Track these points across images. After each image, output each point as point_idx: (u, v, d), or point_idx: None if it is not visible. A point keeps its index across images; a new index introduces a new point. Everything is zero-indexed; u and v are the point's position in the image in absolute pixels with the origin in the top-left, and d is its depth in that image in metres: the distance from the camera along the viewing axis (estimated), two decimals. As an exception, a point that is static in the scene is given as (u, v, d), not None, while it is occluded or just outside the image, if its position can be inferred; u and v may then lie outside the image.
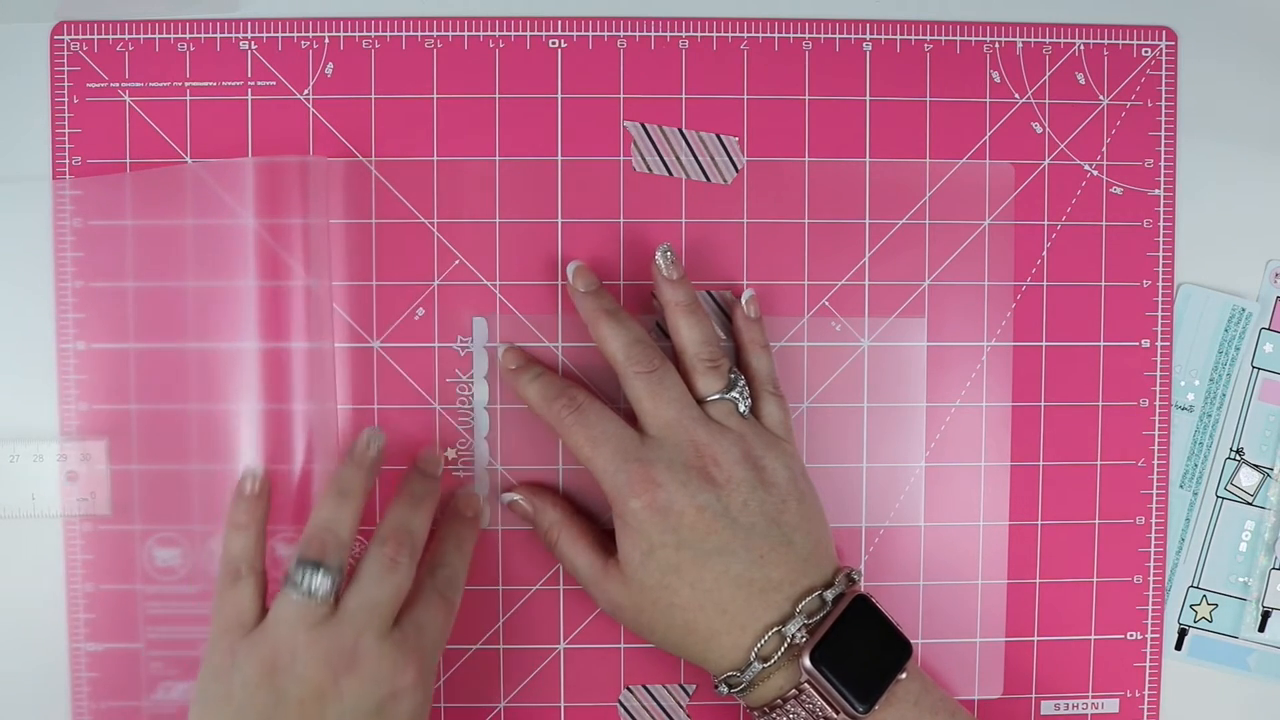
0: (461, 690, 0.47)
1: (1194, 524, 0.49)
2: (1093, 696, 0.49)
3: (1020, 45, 0.48)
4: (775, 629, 0.41)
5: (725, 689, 0.42)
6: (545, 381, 0.45)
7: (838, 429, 0.48)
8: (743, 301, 0.46)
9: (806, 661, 0.40)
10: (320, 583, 0.40)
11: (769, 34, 0.47)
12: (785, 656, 0.41)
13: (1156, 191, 0.48)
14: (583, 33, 0.47)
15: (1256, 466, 0.49)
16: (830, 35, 0.47)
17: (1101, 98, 0.48)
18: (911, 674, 0.42)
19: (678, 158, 0.47)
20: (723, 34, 0.47)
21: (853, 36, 0.47)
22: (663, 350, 0.44)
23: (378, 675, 0.39)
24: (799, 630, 0.41)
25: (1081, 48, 0.48)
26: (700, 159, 0.47)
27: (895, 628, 0.42)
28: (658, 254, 0.44)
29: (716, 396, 0.43)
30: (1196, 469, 0.49)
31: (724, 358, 0.44)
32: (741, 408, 0.44)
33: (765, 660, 0.41)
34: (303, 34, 0.46)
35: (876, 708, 0.41)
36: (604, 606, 0.44)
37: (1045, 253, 0.48)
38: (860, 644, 0.41)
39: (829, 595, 0.42)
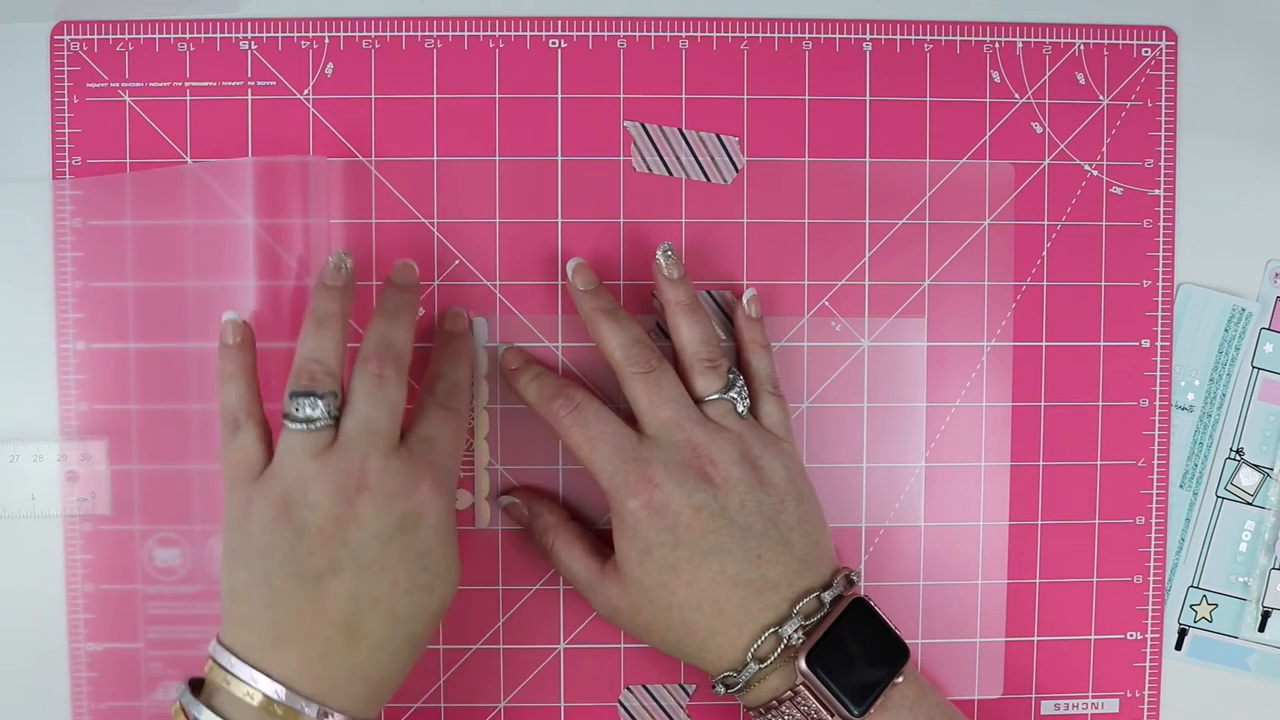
0: (461, 690, 0.47)
1: (1194, 524, 0.49)
2: (1093, 696, 0.49)
3: (1020, 45, 0.48)
4: (772, 630, 0.41)
5: (722, 689, 0.42)
6: (544, 381, 0.45)
7: (838, 429, 0.48)
8: (744, 301, 0.46)
9: (802, 664, 0.40)
10: (316, 411, 0.39)
11: (769, 34, 0.47)
12: (782, 657, 0.41)
13: (1156, 191, 0.48)
14: (583, 33, 0.47)
15: (1256, 466, 0.49)
16: (830, 35, 0.47)
17: (1101, 98, 0.48)
18: (908, 678, 0.42)
19: (678, 158, 0.47)
20: (723, 34, 0.47)
21: (853, 36, 0.47)
22: (662, 350, 0.44)
23: (390, 492, 0.39)
24: (795, 632, 0.41)
25: (1081, 48, 0.48)
26: (700, 159, 0.47)
27: (893, 631, 0.42)
28: (659, 253, 0.44)
29: (715, 396, 0.43)
30: (1196, 469, 0.49)
31: (723, 358, 0.44)
32: (740, 408, 0.44)
33: (762, 661, 0.41)
34: (303, 34, 0.46)
35: (871, 711, 0.41)
36: (601, 610, 0.44)
37: (1045, 253, 0.48)
38: (857, 647, 0.41)
39: (826, 597, 0.42)
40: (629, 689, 0.48)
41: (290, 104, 0.46)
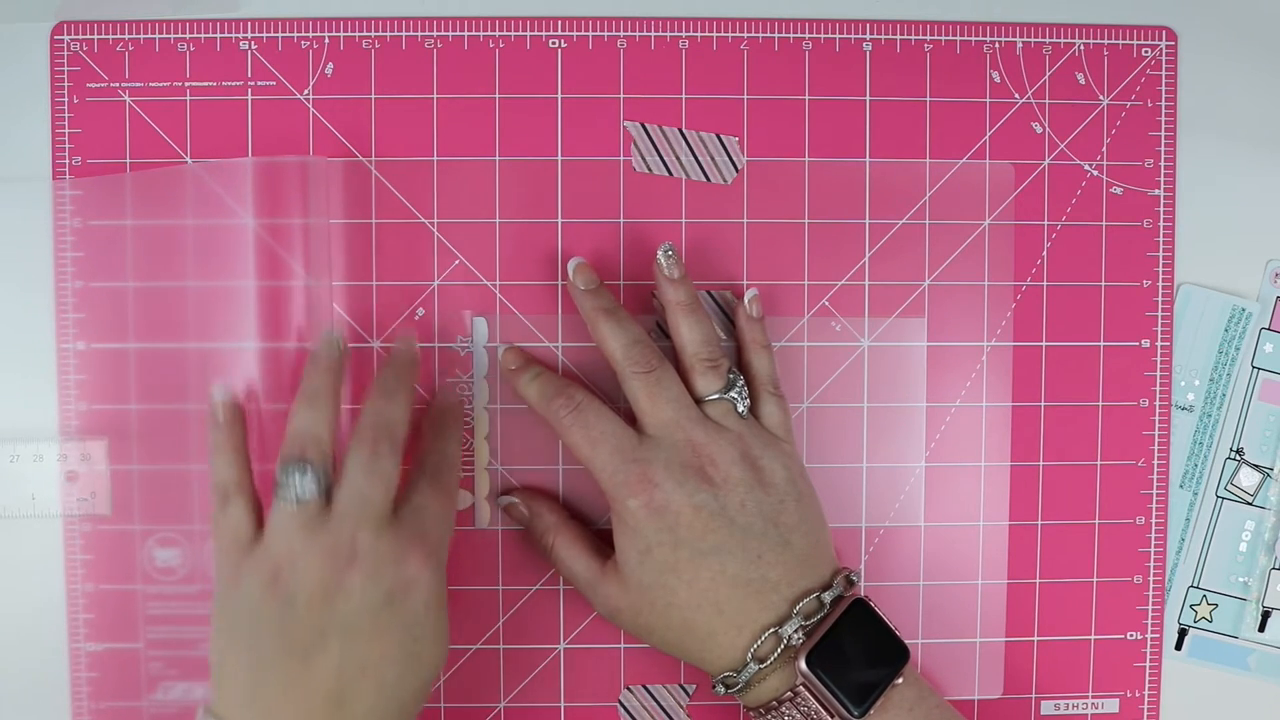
0: (461, 690, 0.47)
1: (1194, 524, 0.49)
2: (1093, 696, 0.49)
3: (1020, 45, 0.48)
4: (772, 630, 0.41)
5: (722, 689, 0.42)
6: (545, 381, 0.45)
7: (838, 429, 0.48)
8: (745, 301, 0.46)
9: (802, 664, 0.40)
10: (306, 484, 0.40)
11: (769, 34, 0.47)
12: (781, 658, 0.41)
13: (1156, 191, 0.48)
14: (583, 33, 0.47)
15: (1256, 466, 0.49)
16: (830, 35, 0.47)
17: (1101, 98, 0.48)
18: (908, 679, 0.42)
19: (678, 158, 0.47)
20: (723, 34, 0.47)
21: (853, 36, 0.47)
22: (663, 350, 0.44)
23: (380, 566, 0.39)
24: (795, 632, 0.41)
25: (1081, 48, 0.48)
26: (700, 159, 0.47)
27: (893, 632, 0.42)
28: (660, 253, 0.44)
29: (715, 396, 0.43)
30: (1196, 469, 0.49)
31: (723, 358, 0.44)
32: (740, 408, 0.44)
33: (761, 661, 0.41)
34: (303, 34, 0.46)
35: (871, 712, 0.41)
36: (601, 610, 0.44)
37: (1045, 253, 0.48)
38: (857, 647, 0.41)
39: (826, 597, 0.42)
40: (629, 689, 0.48)
41: (290, 104, 0.46)
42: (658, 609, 0.42)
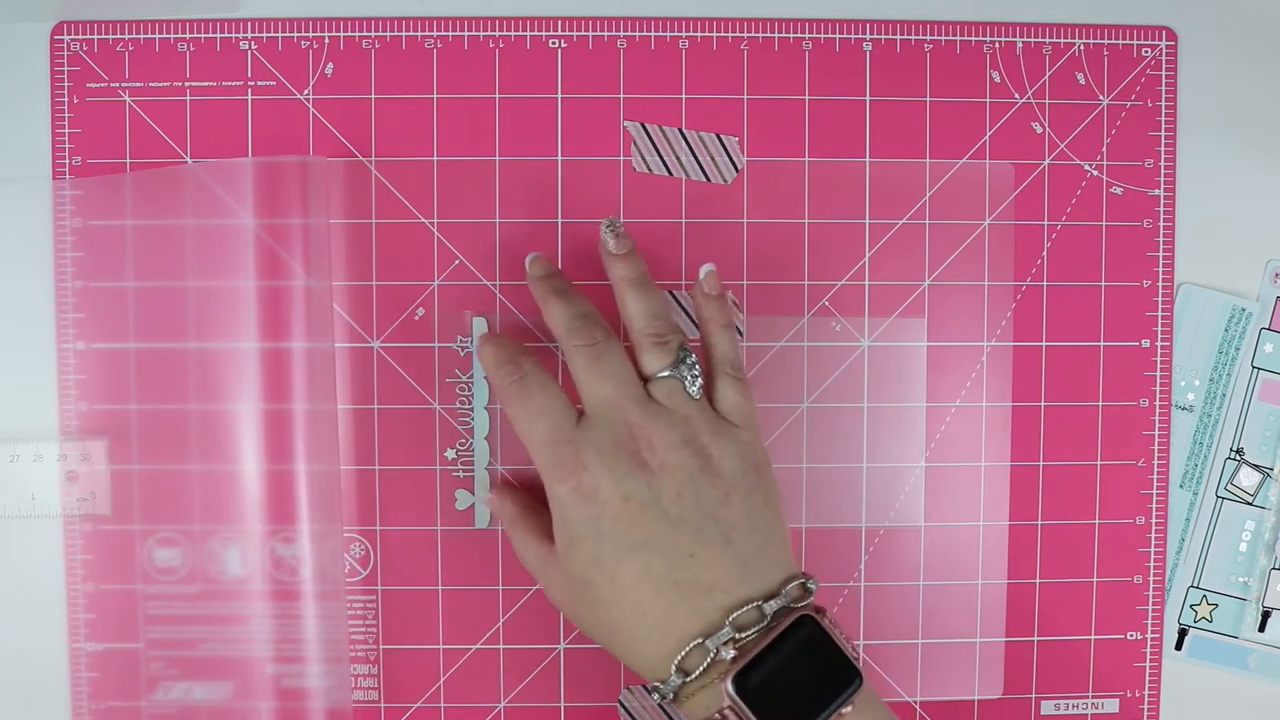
0: (461, 690, 0.47)
1: (1194, 524, 0.49)
2: (1093, 696, 0.49)
3: (1020, 45, 0.48)
4: (698, 641, 0.37)
5: (657, 697, 0.38)
6: (500, 346, 0.42)
7: (838, 429, 0.48)
8: (701, 276, 0.42)
9: (729, 685, 0.36)
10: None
11: (769, 34, 0.47)
12: (710, 674, 0.37)
13: (1156, 191, 0.48)
14: (583, 33, 0.47)
15: (1256, 466, 0.49)
16: (830, 35, 0.47)
17: (1101, 98, 0.48)
18: (861, 707, 0.37)
19: (678, 158, 0.47)
20: (723, 34, 0.47)
21: (853, 36, 0.47)
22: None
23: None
24: (725, 645, 0.36)
25: (1081, 48, 0.48)
26: (700, 159, 0.47)
27: (845, 654, 0.37)
28: (603, 228, 0.42)
29: (663, 374, 0.40)
30: (1196, 469, 0.49)
31: (673, 334, 0.41)
32: (690, 388, 0.40)
33: (687, 674, 0.37)
34: (303, 34, 0.46)
35: None
36: (551, 599, 0.42)
37: (1045, 253, 0.48)
38: (800, 670, 0.36)
39: (769, 608, 0.37)
40: (629, 689, 0.48)
41: (290, 104, 0.46)
42: (586, 604, 0.39)
